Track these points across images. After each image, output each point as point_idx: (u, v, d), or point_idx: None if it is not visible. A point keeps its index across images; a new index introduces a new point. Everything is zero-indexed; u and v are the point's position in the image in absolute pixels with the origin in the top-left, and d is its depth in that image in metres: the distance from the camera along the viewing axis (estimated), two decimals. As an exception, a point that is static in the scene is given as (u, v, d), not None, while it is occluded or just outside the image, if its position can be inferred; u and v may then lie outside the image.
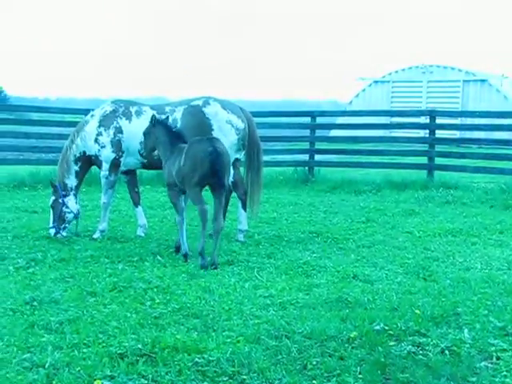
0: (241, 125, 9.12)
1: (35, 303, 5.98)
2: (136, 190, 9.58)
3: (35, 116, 28.69)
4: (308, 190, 14.90)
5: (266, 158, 17.51)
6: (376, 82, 37.74)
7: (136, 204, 9.47)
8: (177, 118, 8.96)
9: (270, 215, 11.39)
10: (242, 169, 9.51)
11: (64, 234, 9.13)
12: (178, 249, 8.12)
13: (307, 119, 17.47)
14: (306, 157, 17.02)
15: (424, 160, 16.23)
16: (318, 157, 17.21)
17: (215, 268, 7.52)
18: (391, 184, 15.20)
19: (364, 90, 38.14)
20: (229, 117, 9.05)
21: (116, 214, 11.19)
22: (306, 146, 17.37)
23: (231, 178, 9.05)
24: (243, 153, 9.33)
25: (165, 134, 8.09)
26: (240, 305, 6.10)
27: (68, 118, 25.29)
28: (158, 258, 7.87)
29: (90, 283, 6.68)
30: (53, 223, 9.15)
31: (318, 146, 17.44)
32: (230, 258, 7.96)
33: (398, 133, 28.98)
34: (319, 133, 18.50)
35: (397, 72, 37.26)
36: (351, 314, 5.82)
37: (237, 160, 9.18)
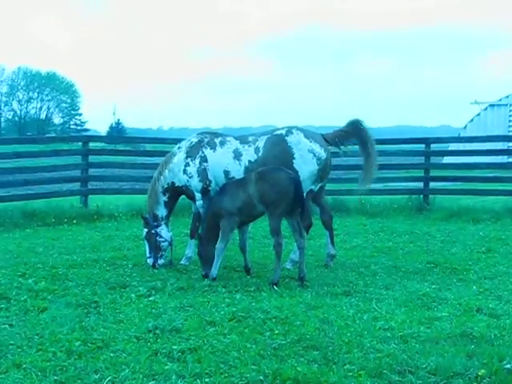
0: (323, 154, 9.04)
1: (158, 331, 6.11)
2: (198, 223, 9.51)
3: (149, 147, 29.85)
4: (423, 219, 14.51)
5: (379, 185, 17.33)
6: (492, 105, 36.51)
7: (192, 236, 9.57)
8: (259, 146, 9.03)
9: (385, 244, 11.18)
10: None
11: (161, 261, 9.38)
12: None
13: (421, 146, 17.11)
14: (419, 184, 16.61)
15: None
16: (432, 184, 16.75)
17: (303, 282, 8.06)
18: (512, 212, 14.56)
19: (479, 115, 36.97)
20: (311, 146, 8.99)
21: (231, 243, 11.31)
22: (419, 173, 16.97)
23: None
24: (319, 185, 9.22)
25: None
26: (360, 337, 5.98)
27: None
28: (275, 287, 7.88)
29: (209, 312, 6.76)
30: (149, 253, 9.42)
31: (433, 173, 16.97)
32: (347, 289, 7.84)
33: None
34: (432, 159, 18.04)
35: (515, 94, 35.93)
36: (477, 350, 5.57)
37: (311, 191, 9.04)
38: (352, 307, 7.04)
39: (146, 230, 9.54)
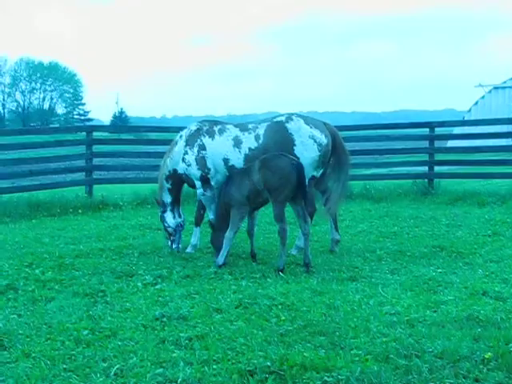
0: (323, 140, 9.00)
1: (164, 319, 6.14)
2: (202, 211, 9.60)
3: (153, 135, 29.84)
4: (428, 203, 14.50)
5: (383, 170, 17.32)
6: (496, 88, 36.34)
7: (197, 224, 9.67)
8: (259, 134, 9.02)
9: (391, 229, 11.18)
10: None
11: (174, 246, 9.65)
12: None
13: (425, 130, 17.08)
14: (424, 168, 16.59)
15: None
16: (437, 168, 16.72)
17: (309, 267, 8.10)
18: (517, 195, 14.52)
19: (483, 97, 36.82)
20: (312, 132, 8.95)
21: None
22: (424, 157, 16.95)
23: None
24: (320, 171, 9.17)
25: None
26: (366, 322, 5.99)
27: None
28: (281, 274, 7.90)
29: (215, 300, 6.79)
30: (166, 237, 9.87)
31: (437, 157, 16.94)
32: (353, 274, 7.86)
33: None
34: (437, 144, 18.02)
35: (519, 76, 35.76)
36: (484, 334, 5.58)
37: (313, 178, 8.99)
38: (358, 292, 7.05)
39: (159, 214, 10.01)
